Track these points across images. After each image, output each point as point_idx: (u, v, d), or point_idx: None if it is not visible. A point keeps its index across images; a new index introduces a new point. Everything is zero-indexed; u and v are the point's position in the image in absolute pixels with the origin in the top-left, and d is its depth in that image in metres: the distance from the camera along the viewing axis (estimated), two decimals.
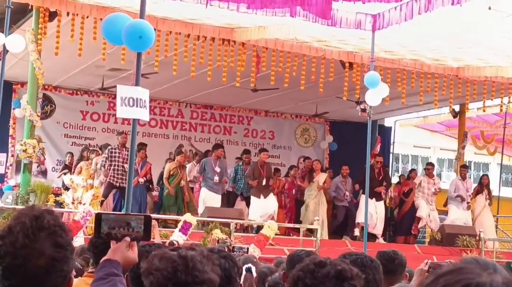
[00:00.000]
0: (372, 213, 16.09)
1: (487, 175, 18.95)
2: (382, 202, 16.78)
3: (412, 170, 19.46)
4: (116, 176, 15.13)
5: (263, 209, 15.60)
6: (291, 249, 11.67)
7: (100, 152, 16.40)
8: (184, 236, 12.33)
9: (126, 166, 14.94)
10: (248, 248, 9.23)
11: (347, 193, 17.08)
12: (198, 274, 2.38)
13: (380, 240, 16.49)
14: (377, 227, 16.46)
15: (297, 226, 15.48)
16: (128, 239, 2.77)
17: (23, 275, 2.26)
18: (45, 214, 2.31)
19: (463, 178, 17.43)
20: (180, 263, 2.40)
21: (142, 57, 6.80)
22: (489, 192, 17.83)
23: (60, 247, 2.29)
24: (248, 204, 16.15)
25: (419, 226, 17.25)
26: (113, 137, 18.86)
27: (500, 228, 20.01)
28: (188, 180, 16.55)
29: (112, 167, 15.17)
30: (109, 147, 15.61)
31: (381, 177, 16.81)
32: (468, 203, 17.20)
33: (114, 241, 2.78)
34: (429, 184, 17.13)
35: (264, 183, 15.85)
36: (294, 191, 17.63)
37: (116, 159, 15.22)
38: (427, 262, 4.94)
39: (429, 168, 17.73)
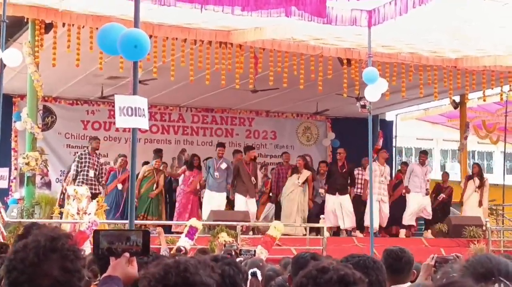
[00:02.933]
0: (334, 208, 15.94)
1: (477, 164, 18.97)
2: (347, 196, 16.21)
3: (404, 163, 19.37)
4: (85, 182, 14.02)
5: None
6: (298, 248, 11.72)
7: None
8: (190, 241, 12.32)
9: (94, 172, 14.27)
10: (255, 250, 9.21)
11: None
12: (189, 276, 2.38)
13: (357, 233, 16.09)
14: (346, 222, 16.02)
15: (303, 225, 15.45)
16: (127, 254, 2.78)
17: None
18: (62, 237, 2.34)
19: (422, 163, 17.24)
20: (172, 266, 2.42)
21: (140, 64, 6.81)
22: (481, 179, 17.58)
23: (67, 272, 2.30)
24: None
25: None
26: (115, 145, 18.94)
27: (506, 216, 20.02)
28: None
29: (81, 174, 14.23)
30: (80, 153, 14.94)
31: (344, 170, 16.36)
32: (426, 189, 16.93)
33: (114, 258, 2.79)
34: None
35: (253, 181, 15.83)
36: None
37: (86, 164, 14.34)
38: (433, 257, 4.96)
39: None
